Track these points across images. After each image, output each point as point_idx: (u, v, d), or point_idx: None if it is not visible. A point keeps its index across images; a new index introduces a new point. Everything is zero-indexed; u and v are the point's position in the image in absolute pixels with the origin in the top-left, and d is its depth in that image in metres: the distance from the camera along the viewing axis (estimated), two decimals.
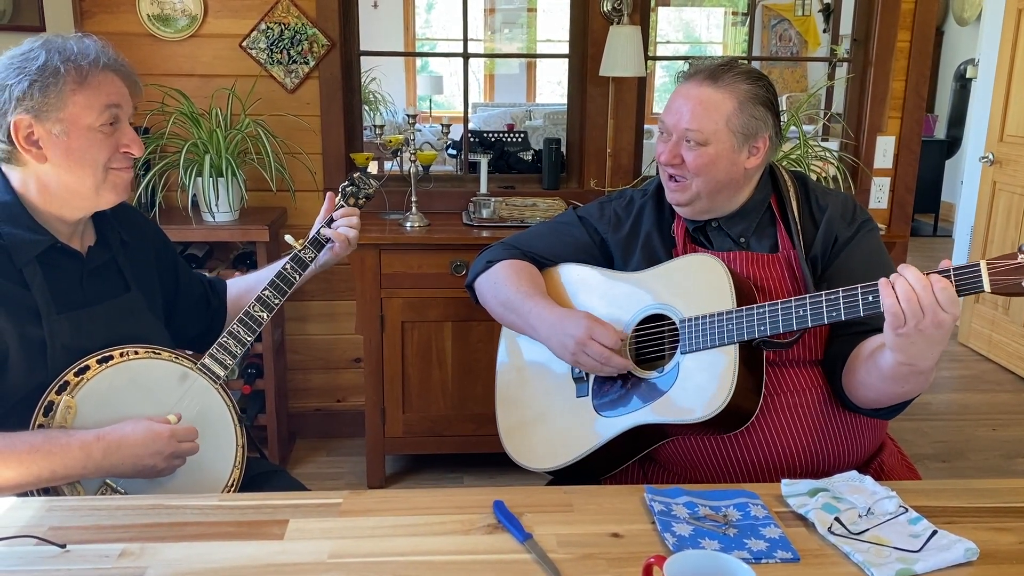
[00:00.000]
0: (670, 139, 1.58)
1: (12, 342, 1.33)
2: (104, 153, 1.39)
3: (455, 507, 1.24)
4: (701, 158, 1.54)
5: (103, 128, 1.38)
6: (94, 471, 1.32)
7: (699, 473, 1.55)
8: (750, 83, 1.55)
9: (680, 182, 1.59)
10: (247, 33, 2.89)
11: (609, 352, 1.51)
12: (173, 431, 1.37)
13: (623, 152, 3.11)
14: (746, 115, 1.54)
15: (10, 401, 1.34)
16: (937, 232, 6.97)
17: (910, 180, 3.23)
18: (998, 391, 3.90)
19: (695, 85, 1.56)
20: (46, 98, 1.33)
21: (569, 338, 1.55)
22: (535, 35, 8.75)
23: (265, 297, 1.58)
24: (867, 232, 1.61)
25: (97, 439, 1.32)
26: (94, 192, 1.41)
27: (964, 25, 7.15)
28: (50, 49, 1.35)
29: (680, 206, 1.63)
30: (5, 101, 1.33)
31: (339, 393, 3.26)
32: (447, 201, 3.06)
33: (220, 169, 2.69)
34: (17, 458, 1.26)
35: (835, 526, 1.16)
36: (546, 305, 1.64)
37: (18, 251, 1.36)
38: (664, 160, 1.58)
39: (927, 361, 1.29)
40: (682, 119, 1.55)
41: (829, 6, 5.66)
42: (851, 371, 1.45)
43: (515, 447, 1.69)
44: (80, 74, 1.35)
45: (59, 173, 1.37)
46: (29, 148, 1.35)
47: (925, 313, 1.20)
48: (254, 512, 1.23)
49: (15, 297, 1.34)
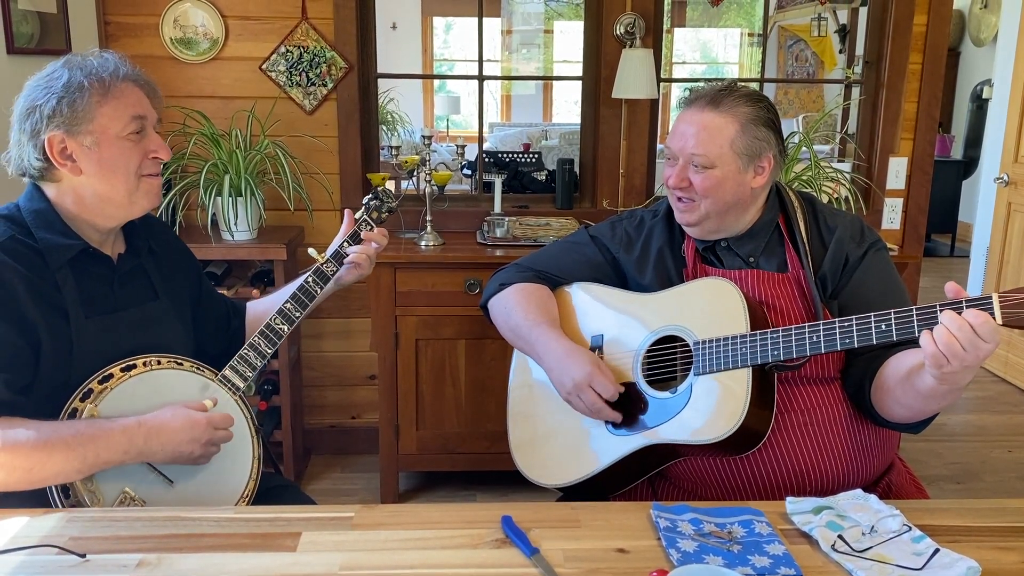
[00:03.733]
0: (677, 163, 1.61)
1: (44, 337, 1.37)
2: (135, 160, 1.45)
3: (464, 522, 1.26)
4: (708, 180, 1.57)
5: (131, 136, 1.44)
6: (135, 456, 1.36)
7: (709, 491, 1.56)
8: (750, 105, 1.58)
9: (688, 203, 1.62)
10: (267, 56, 2.96)
11: (602, 404, 1.55)
12: (210, 419, 1.42)
13: (636, 172, 3.14)
14: (749, 136, 1.57)
15: (38, 394, 1.38)
16: (954, 252, 6.94)
17: (923, 201, 3.24)
18: (1014, 412, 3.87)
19: (697, 111, 1.59)
20: (75, 112, 1.39)
21: (569, 379, 1.58)
22: (552, 56, 8.83)
23: (286, 310, 1.61)
24: (876, 252, 1.62)
25: (139, 424, 1.37)
26: (128, 199, 1.47)
27: (980, 46, 7.15)
28: (72, 66, 1.41)
29: (689, 227, 1.66)
30: (37, 121, 1.39)
31: (354, 410, 3.30)
32: (461, 220, 3.09)
33: (239, 189, 2.75)
34: (64, 442, 1.31)
35: (838, 543, 1.17)
36: (553, 336, 1.66)
37: (52, 255, 1.41)
38: (672, 184, 1.61)
39: (967, 379, 1.31)
40: (687, 144, 1.58)
41: (845, 27, 5.69)
42: (885, 390, 1.46)
43: (526, 462, 1.71)
44: (103, 86, 1.41)
45: (94, 183, 1.43)
46: (64, 162, 1.41)
47: (967, 351, 1.21)
48: (268, 524, 1.25)
49: (48, 297, 1.39)
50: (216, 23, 2.92)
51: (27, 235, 1.41)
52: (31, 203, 1.45)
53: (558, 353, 1.62)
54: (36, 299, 1.37)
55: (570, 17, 8.53)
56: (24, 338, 1.35)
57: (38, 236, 1.41)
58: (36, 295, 1.38)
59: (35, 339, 1.37)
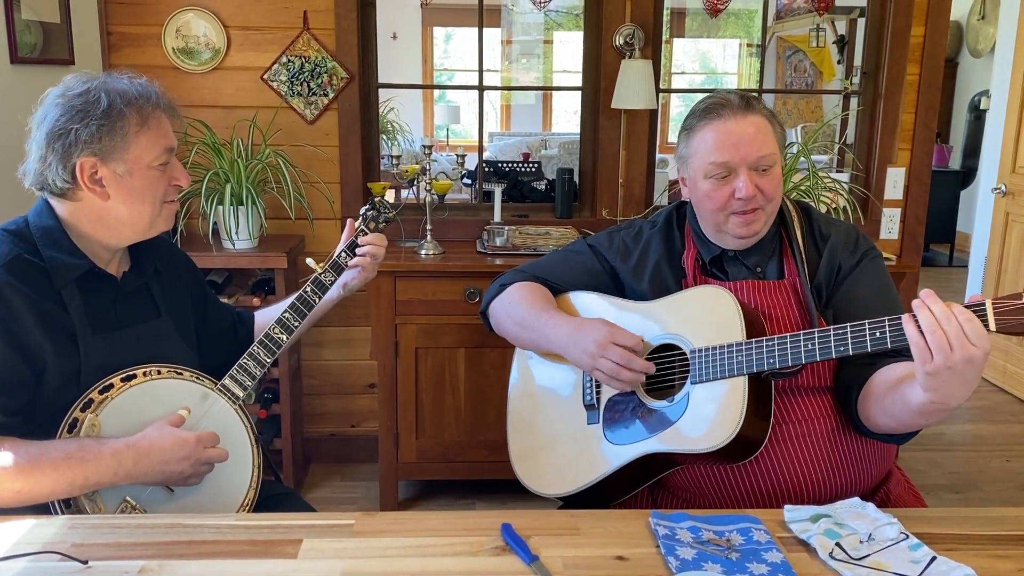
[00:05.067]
0: (735, 176, 1.55)
1: (50, 359, 1.38)
2: (161, 188, 1.48)
3: (464, 529, 1.27)
4: (774, 180, 1.57)
5: (160, 167, 1.46)
6: (124, 478, 1.36)
7: (708, 500, 1.56)
8: (762, 104, 1.60)
9: (756, 213, 1.57)
10: (268, 66, 2.97)
11: (630, 354, 1.51)
12: (199, 437, 1.42)
13: (635, 182, 3.15)
14: (779, 131, 1.60)
15: (43, 415, 1.38)
16: (953, 262, 6.96)
17: (920, 211, 3.25)
18: (1012, 422, 3.88)
19: (740, 117, 1.55)
20: (113, 141, 1.40)
21: (591, 342, 1.55)
22: (551, 66, 8.87)
23: (285, 319, 1.62)
24: (870, 260, 1.63)
25: (127, 447, 1.36)
26: (149, 225, 1.49)
27: (978, 57, 7.18)
28: (110, 91, 1.41)
29: (751, 237, 1.61)
30: (71, 144, 1.39)
31: (354, 418, 3.30)
32: (461, 229, 3.11)
33: (240, 198, 2.76)
34: (52, 465, 1.31)
35: (836, 551, 1.18)
36: (562, 317, 1.66)
37: (58, 274, 1.42)
38: (747, 194, 1.54)
39: (958, 400, 1.25)
40: (750, 150, 1.54)
41: (844, 38, 5.71)
42: (872, 399, 1.45)
43: (526, 472, 1.72)
44: (142, 116, 1.42)
45: (118, 208, 1.45)
46: (93, 187, 1.42)
47: (953, 348, 1.17)
48: (269, 531, 1.26)
49: (53, 317, 1.40)
50: (218, 33, 2.94)
51: (33, 252, 1.41)
52: (40, 219, 1.45)
53: (569, 329, 1.61)
54: (42, 320, 1.38)
55: (570, 28, 8.57)
56: (26, 361, 1.36)
57: (45, 254, 1.42)
58: (42, 316, 1.38)
59: (38, 361, 1.37)
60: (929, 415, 1.33)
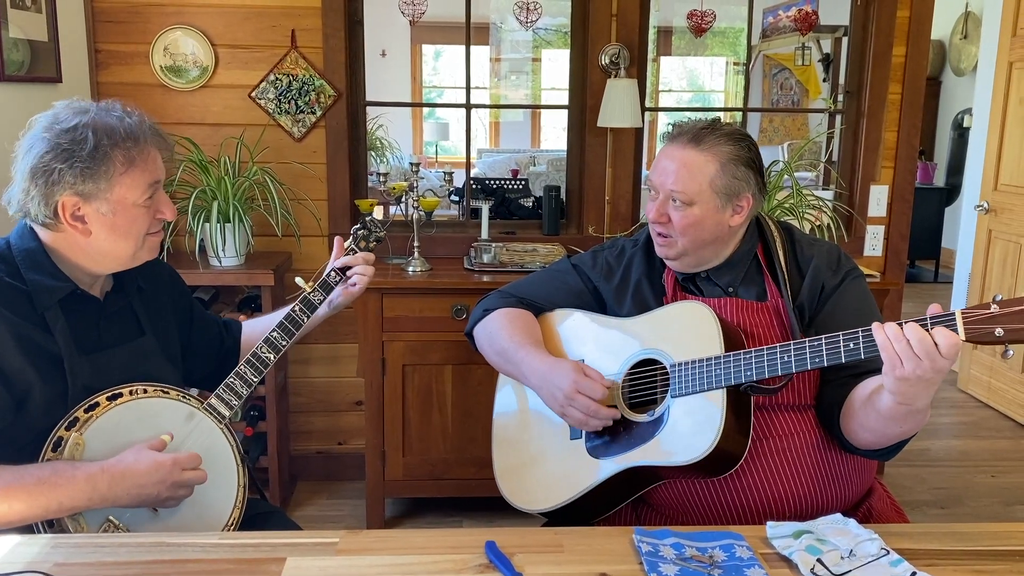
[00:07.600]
0: (658, 197, 1.64)
1: (35, 383, 1.37)
2: (145, 224, 1.46)
3: (449, 547, 1.27)
4: (687, 218, 1.60)
5: (145, 203, 1.44)
6: (100, 502, 1.35)
7: (691, 516, 1.57)
8: (732, 144, 1.59)
9: (667, 239, 1.64)
10: (256, 84, 2.99)
11: (596, 405, 1.54)
12: (176, 460, 1.40)
13: (621, 200, 3.18)
14: (728, 176, 1.59)
15: (26, 438, 1.38)
16: (938, 278, 7.01)
17: (904, 228, 3.29)
18: (997, 438, 3.90)
19: (679, 147, 1.61)
20: (97, 184, 1.38)
21: (558, 390, 1.58)
22: (540, 83, 8.91)
23: (273, 339, 1.62)
24: (853, 280, 1.65)
25: (102, 471, 1.35)
26: (131, 257, 1.48)
27: (961, 75, 7.27)
28: (98, 130, 1.38)
29: (668, 260, 1.69)
30: (54, 182, 1.36)
31: (340, 436, 3.29)
32: (449, 246, 3.12)
33: (227, 215, 2.76)
34: (26, 490, 1.30)
35: (817, 567, 1.19)
36: (537, 355, 1.67)
37: (40, 297, 1.40)
38: (652, 218, 1.64)
39: (923, 400, 1.32)
40: (667, 180, 1.60)
41: (829, 56, 5.77)
42: (850, 415, 1.48)
43: (510, 488, 1.72)
44: (128, 157, 1.40)
45: (100, 243, 1.43)
46: (75, 224, 1.40)
47: (923, 359, 1.22)
48: (253, 550, 1.26)
49: (37, 341, 1.39)
50: (206, 51, 2.95)
51: (15, 275, 1.40)
52: (22, 241, 1.44)
53: (542, 370, 1.64)
54: (24, 345, 1.37)
55: (558, 46, 8.62)
56: (5, 386, 1.35)
57: (27, 277, 1.40)
58: (24, 341, 1.37)
59: (20, 385, 1.36)
60: (900, 419, 1.38)
